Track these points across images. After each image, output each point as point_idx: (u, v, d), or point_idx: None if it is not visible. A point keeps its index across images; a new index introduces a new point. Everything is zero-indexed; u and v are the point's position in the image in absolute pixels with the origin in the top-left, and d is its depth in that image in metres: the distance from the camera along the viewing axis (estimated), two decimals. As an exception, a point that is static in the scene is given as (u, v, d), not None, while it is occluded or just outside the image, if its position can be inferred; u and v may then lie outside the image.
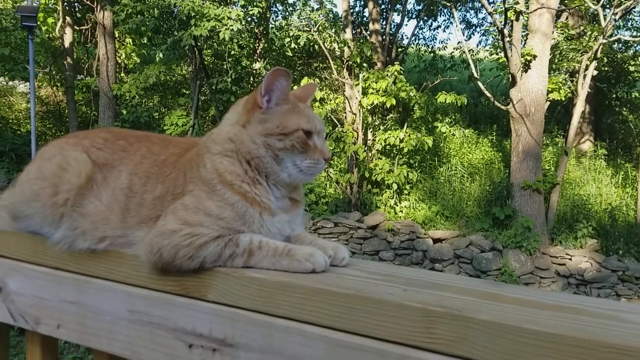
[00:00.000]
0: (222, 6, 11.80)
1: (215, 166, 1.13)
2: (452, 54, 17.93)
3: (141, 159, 1.22)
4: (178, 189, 1.14)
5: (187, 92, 15.53)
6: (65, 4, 14.67)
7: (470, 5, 19.46)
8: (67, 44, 14.84)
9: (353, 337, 0.91)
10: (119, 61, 15.91)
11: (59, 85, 16.67)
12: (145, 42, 16.05)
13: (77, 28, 15.53)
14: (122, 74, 15.81)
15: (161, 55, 12.98)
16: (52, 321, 1.25)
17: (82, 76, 15.79)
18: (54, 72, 16.36)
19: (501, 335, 0.80)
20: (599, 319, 0.83)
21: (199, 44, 12.64)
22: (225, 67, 12.97)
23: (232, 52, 12.64)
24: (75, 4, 15.64)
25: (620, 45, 15.98)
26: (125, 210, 1.17)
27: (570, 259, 10.21)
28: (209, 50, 14.49)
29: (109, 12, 13.46)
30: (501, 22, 11.00)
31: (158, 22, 12.60)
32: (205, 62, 14.00)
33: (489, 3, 11.79)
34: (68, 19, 14.75)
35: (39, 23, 13.36)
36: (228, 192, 1.10)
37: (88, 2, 14.44)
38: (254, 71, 14.19)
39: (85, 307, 1.20)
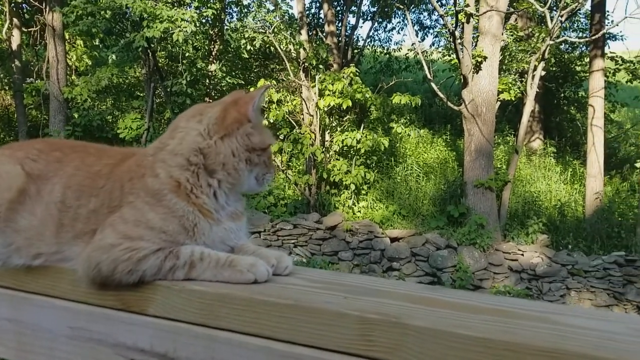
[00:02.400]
0: (176, 7, 11.63)
1: (171, 175, 1.09)
2: (407, 55, 18.19)
3: (74, 171, 1.18)
4: (114, 202, 1.11)
5: (141, 94, 15.24)
6: (13, 5, 14.17)
7: (424, 7, 19.78)
8: (14, 47, 14.34)
9: (293, 347, 0.91)
10: (70, 64, 15.47)
11: (7, 88, 16.10)
12: (97, 44, 15.66)
13: (25, 30, 15.03)
14: (74, 77, 15.38)
15: (114, 57, 12.70)
16: (-12, 339, 1.21)
17: (31, 79, 15.25)
18: (1, 75, 15.79)
19: (434, 340, 0.81)
20: (529, 321, 0.85)
21: (152, 45, 12.42)
22: (180, 69, 12.79)
23: (187, 54, 12.49)
24: (23, 5, 15.13)
25: (567, 46, 16.58)
26: (59, 225, 1.13)
27: (522, 255, 10.51)
28: (162, 52, 14.26)
29: (59, 14, 13.08)
30: (452, 24, 11.24)
31: (110, 24, 12.33)
32: (160, 64, 13.77)
33: (441, 6, 12.02)
34: (15, 20, 14.25)
35: (-17, 25, 12.87)
36: (182, 202, 1.08)
37: (36, 4, 13.99)
38: (210, 73, 14.04)
39: (22, 324, 1.17)
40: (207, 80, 14.09)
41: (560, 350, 0.75)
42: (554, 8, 12.21)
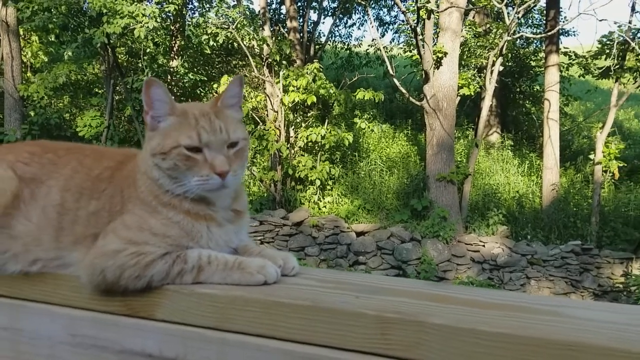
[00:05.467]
0: (136, 3, 11.35)
1: (147, 188, 1.09)
2: (367, 50, 18.29)
3: (72, 173, 1.16)
4: (116, 207, 1.09)
5: (100, 91, 14.84)
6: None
7: (384, 3, 19.93)
8: (-35, 43, 13.74)
9: (309, 347, 0.92)
10: (25, 60, 14.94)
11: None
12: (53, 39, 15.17)
13: (-22, 26, 14.41)
14: (29, 74, 14.86)
15: (70, 53, 12.32)
16: (-19, 350, 1.17)
17: (-15, 77, 14.68)
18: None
19: (456, 337, 0.83)
20: (542, 315, 0.88)
21: (111, 41, 12.11)
22: (140, 65, 12.52)
23: (148, 50, 12.22)
24: (-26, -1, 14.49)
25: (522, 41, 17.00)
26: (58, 229, 1.11)
27: (484, 246, 10.75)
28: (122, 48, 13.91)
29: (13, 9, 12.59)
30: (414, 20, 11.36)
31: (66, 19, 11.95)
32: (119, 60, 13.43)
33: (402, 2, 12.14)
34: (-33, 15, 13.65)
35: None
36: (171, 211, 1.07)
37: (-11, -2, 13.42)
38: (172, 69, 13.80)
39: (20, 333, 1.13)
40: (169, 77, 13.84)
41: (578, 343, 0.78)
42: (511, 5, 12.48)
